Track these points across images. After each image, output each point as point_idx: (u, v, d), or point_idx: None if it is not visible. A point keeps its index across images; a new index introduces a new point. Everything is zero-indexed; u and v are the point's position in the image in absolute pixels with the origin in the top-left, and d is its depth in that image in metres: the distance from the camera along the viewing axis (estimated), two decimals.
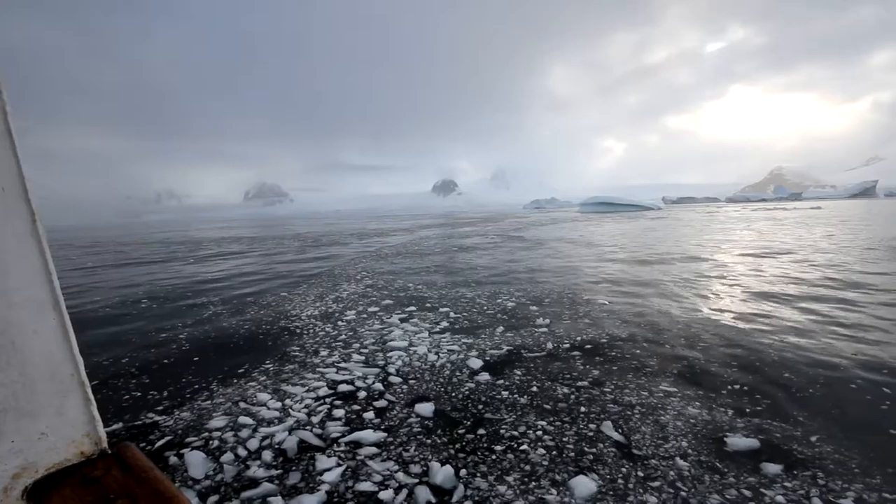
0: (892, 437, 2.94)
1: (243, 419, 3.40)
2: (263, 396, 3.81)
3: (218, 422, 3.39)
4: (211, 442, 3.12)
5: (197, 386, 4.13)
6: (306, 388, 3.99)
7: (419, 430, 3.25)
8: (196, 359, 4.92)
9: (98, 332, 6.25)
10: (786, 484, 2.52)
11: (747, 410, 3.36)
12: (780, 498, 2.41)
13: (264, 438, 3.14)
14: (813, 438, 2.96)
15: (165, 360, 4.90)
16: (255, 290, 9.19)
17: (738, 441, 2.93)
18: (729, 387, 3.76)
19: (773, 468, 2.65)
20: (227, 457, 2.93)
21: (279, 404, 3.66)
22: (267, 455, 2.93)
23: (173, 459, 2.94)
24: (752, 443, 2.92)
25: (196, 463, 2.87)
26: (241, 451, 2.99)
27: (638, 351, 4.64)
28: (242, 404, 3.69)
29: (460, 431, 3.19)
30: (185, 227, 57.36)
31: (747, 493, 2.46)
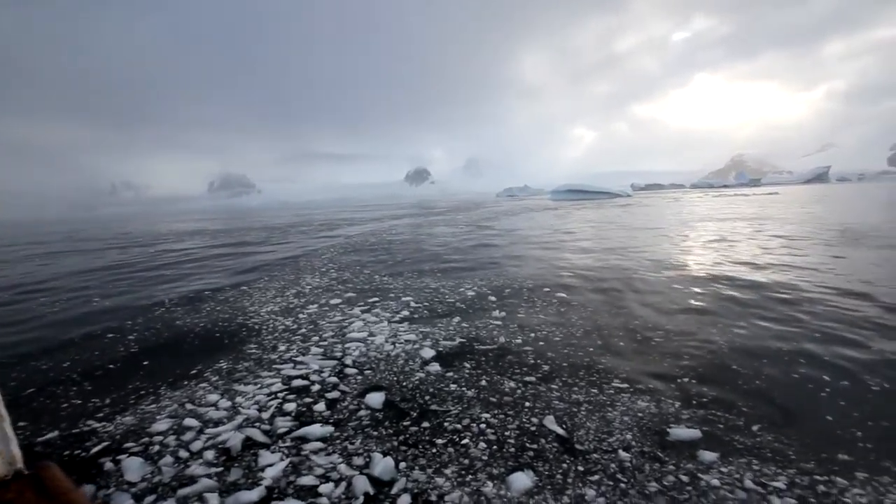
0: (828, 423, 3.10)
1: (189, 421, 3.34)
2: (213, 397, 3.74)
3: (161, 425, 3.30)
4: (151, 446, 3.05)
5: (143, 391, 3.99)
6: (259, 385, 3.94)
7: (367, 422, 3.28)
8: (145, 363, 4.74)
9: (40, 334, 5.96)
10: (721, 469, 2.64)
11: (694, 402, 3.46)
12: (714, 482, 2.52)
13: (209, 439, 3.10)
14: (754, 427, 3.09)
15: (111, 365, 4.71)
16: (213, 285, 8.94)
17: (681, 432, 3.02)
18: (679, 380, 3.84)
19: (710, 456, 2.76)
20: (167, 459, 2.87)
21: (228, 403, 3.61)
22: (209, 454, 2.90)
23: (109, 465, 2.86)
24: (694, 433, 3.01)
25: (133, 467, 2.80)
26: (183, 453, 2.94)
27: (591, 348, 4.65)
28: (189, 405, 3.61)
29: (405, 423, 3.23)
30: (143, 221, 54.99)
31: (685, 478, 2.56)
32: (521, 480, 2.54)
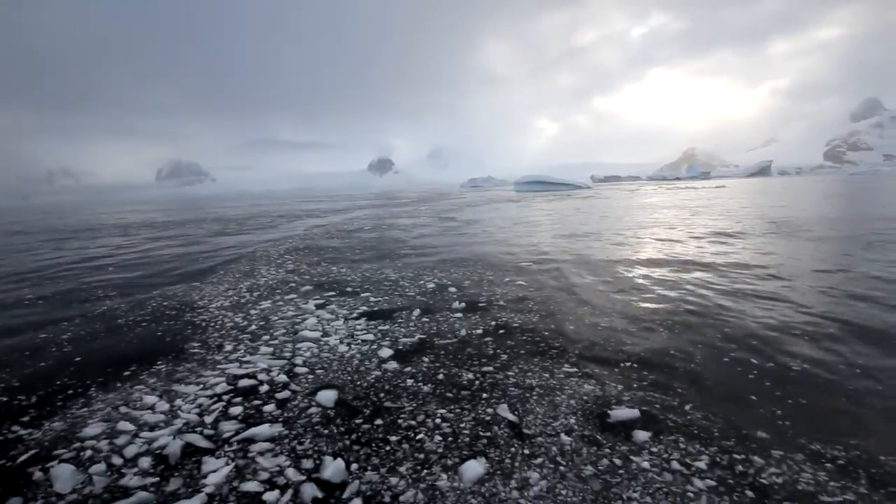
0: (751, 403, 3.29)
1: (123, 425, 3.14)
2: (150, 399, 3.53)
3: (93, 429, 3.10)
4: (83, 452, 2.86)
5: (72, 391, 3.74)
6: (202, 386, 3.76)
7: (318, 420, 3.20)
8: (77, 359, 4.46)
9: None
10: (652, 450, 2.76)
11: (635, 385, 3.61)
12: (645, 464, 2.63)
13: (144, 444, 2.92)
14: (687, 407, 3.25)
15: (42, 364, 4.40)
16: (160, 280, 8.48)
17: (620, 413, 3.14)
18: (622, 363, 4.01)
19: (643, 436, 2.88)
20: (99, 467, 2.69)
21: (167, 406, 3.42)
22: (145, 462, 2.74)
23: (38, 475, 2.67)
24: (633, 413, 3.14)
25: (63, 477, 2.61)
26: (117, 460, 2.76)
27: (546, 333, 4.81)
28: (124, 409, 3.40)
29: (358, 421, 3.17)
30: (84, 211, 51.20)
31: (618, 461, 2.65)
32: (474, 468, 2.57)
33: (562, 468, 2.62)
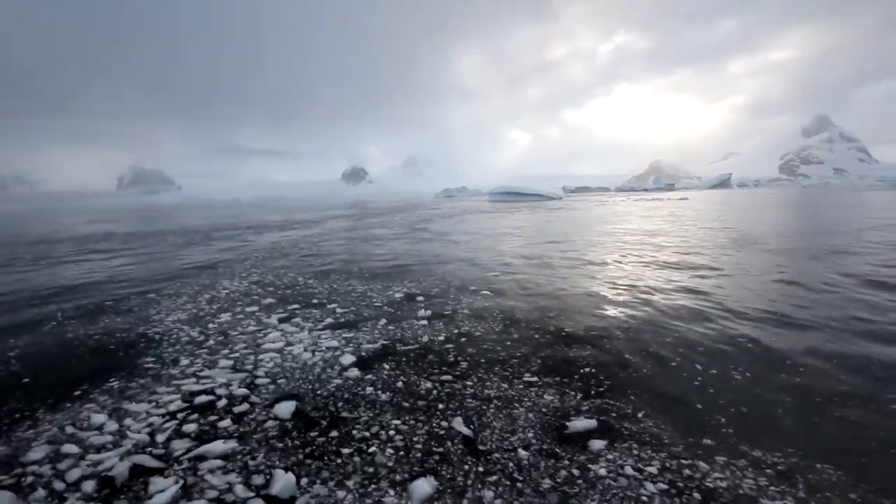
0: (696, 410, 3.44)
1: (68, 447, 3.03)
2: (99, 419, 3.41)
3: (36, 454, 2.97)
4: (24, 479, 2.73)
5: (19, 415, 3.57)
6: (154, 403, 3.66)
7: (274, 433, 3.18)
8: (26, 381, 4.26)
9: None
10: (608, 457, 2.84)
11: (593, 392, 3.73)
12: (602, 471, 2.70)
13: (89, 466, 2.82)
14: (639, 414, 3.37)
15: None
16: (117, 294, 8.15)
17: (578, 423, 3.21)
18: (583, 370, 4.14)
19: (599, 444, 2.96)
20: (39, 493, 2.59)
21: (115, 426, 3.31)
22: (89, 486, 2.65)
23: None
24: (591, 423, 3.21)
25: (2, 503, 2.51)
26: (59, 485, 2.66)
27: (509, 343, 4.90)
28: (70, 429, 3.28)
29: (313, 434, 3.16)
30: (38, 221, 48.47)
31: (576, 472, 2.71)
32: (423, 488, 2.54)
33: (519, 484, 2.61)
